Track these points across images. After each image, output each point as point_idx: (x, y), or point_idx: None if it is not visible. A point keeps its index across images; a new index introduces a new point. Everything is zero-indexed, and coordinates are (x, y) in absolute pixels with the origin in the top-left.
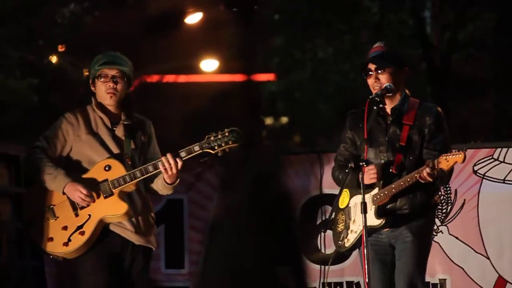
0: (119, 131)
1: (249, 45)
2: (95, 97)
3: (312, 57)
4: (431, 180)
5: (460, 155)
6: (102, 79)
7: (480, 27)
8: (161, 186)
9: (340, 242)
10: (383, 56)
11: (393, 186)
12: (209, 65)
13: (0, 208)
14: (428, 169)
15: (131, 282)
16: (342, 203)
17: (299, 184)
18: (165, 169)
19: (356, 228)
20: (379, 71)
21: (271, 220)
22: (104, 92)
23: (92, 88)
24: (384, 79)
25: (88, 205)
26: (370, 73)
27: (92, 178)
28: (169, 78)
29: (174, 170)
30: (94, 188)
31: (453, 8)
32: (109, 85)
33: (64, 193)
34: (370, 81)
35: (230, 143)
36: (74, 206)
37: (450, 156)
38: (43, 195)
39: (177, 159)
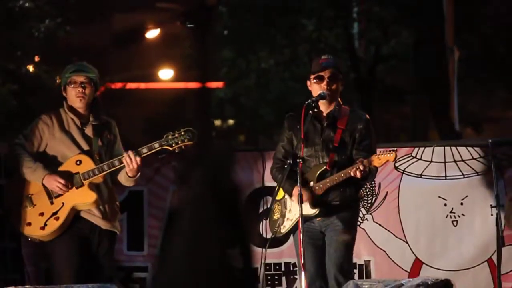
0: (88, 130)
1: (202, 57)
2: (67, 101)
3: (256, 67)
4: (362, 175)
5: (391, 155)
6: (72, 85)
7: (401, 43)
8: (124, 179)
9: (276, 229)
10: (335, 67)
11: (327, 180)
12: (166, 74)
13: None
14: (361, 166)
15: (97, 261)
16: (278, 195)
17: (244, 178)
18: (127, 163)
19: (291, 217)
20: (333, 80)
21: (221, 209)
22: (74, 96)
23: (64, 94)
24: (334, 86)
25: (63, 194)
26: (322, 79)
27: (65, 171)
28: (131, 85)
29: (135, 165)
30: (67, 179)
31: (378, 26)
32: (78, 90)
33: (43, 184)
34: (320, 86)
35: (185, 141)
36: (50, 195)
37: (383, 155)
38: (21, 185)
39: (136, 156)
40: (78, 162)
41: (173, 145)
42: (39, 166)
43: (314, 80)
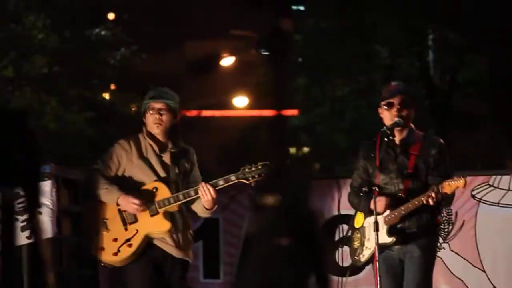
0: (166, 158)
1: (277, 84)
2: (146, 127)
3: (331, 95)
4: (435, 203)
5: (461, 181)
6: (150, 111)
7: (477, 70)
8: (200, 210)
9: (356, 257)
10: (405, 93)
11: (402, 208)
12: (240, 101)
13: (62, 225)
14: (433, 193)
15: None
16: (357, 223)
17: (320, 206)
18: (202, 194)
19: (370, 245)
20: (403, 106)
21: (298, 237)
22: (152, 122)
23: (143, 119)
24: (405, 113)
25: (137, 218)
26: (392, 106)
27: (142, 197)
28: (206, 113)
29: (209, 197)
30: (143, 201)
31: (453, 53)
32: (156, 117)
33: (118, 204)
34: (391, 113)
35: (262, 175)
36: (124, 221)
37: (453, 182)
38: (98, 210)
39: (211, 187)
40: (154, 189)
41: (250, 178)
42: (114, 187)
43: (385, 107)
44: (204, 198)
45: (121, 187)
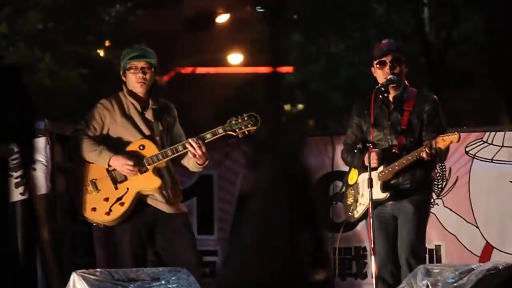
0: (149, 114)
1: (272, 41)
2: (126, 86)
3: (326, 52)
4: (429, 157)
5: (455, 136)
6: (132, 71)
7: (472, 27)
8: (192, 165)
9: (350, 213)
10: (397, 50)
11: (396, 164)
12: (235, 58)
13: (56, 181)
14: (427, 148)
15: (174, 242)
16: (351, 180)
17: (314, 163)
18: (191, 150)
19: (364, 201)
20: (395, 63)
21: (292, 193)
22: (135, 82)
23: (123, 78)
24: (398, 70)
25: (129, 178)
26: (384, 64)
27: (129, 155)
28: (201, 70)
29: (199, 151)
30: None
31: (448, 10)
32: (139, 76)
33: (109, 165)
34: (383, 71)
35: (249, 126)
36: (114, 180)
37: (447, 136)
38: (85, 171)
39: (200, 142)
40: (141, 147)
41: (237, 130)
42: (104, 148)
43: (377, 66)
44: (193, 152)
45: (107, 146)
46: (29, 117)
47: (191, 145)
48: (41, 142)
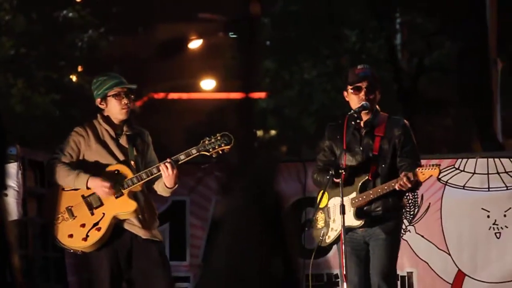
0: (123, 140)
1: (245, 67)
2: (101, 113)
3: (299, 78)
4: (407, 189)
5: (435, 170)
6: (116, 98)
7: (444, 54)
8: (161, 188)
9: (321, 238)
10: (372, 77)
11: (371, 192)
12: (208, 84)
13: (28, 207)
14: (405, 181)
15: (147, 271)
16: (322, 203)
17: (286, 189)
18: (164, 171)
19: (336, 227)
20: (370, 89)
21: (263, 219)
22: (120, 108)
23: (101, 105)
24: (372, 96)
25: (103, 203)
26: (360, 89)
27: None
28: (173, 95)
29: (170, 171)
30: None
31: (420, 37)
32: (124, 102)
33: (87, 187)
34: (358, 96)
35: (222, 145)
36: (90, 206)
37: (427, 170)
38: (60, 198)
39: (171, 163)
40: (116, 172)
41: (210, 150)
42: (81, 172)
43: (352, 91)
44: (165, 173)
45: (84, 171)
46: (0, 142)
47: (164, 165)
48: (12, 168)
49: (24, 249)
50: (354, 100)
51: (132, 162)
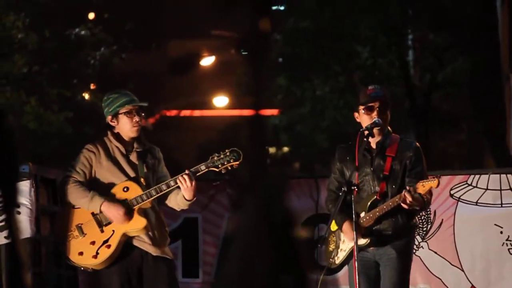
0: (133, 157)
1: (256, 84)
2: (112, 130)
3: (311, 95)
4: (409, 204)
5: (434, 181)
6: (127, 115)
7: (456, 70)
8: (180, 202)
9: (331, 260)
10: (384, 97)
11: (377, 210)
12: (220, 101)
13: (41, 225)
14: (407, 194)
15: None
16: (333, 227)
17: (298, 205)
18: (181, 182)
19: (345, 247)
20: (383, 109)
21: (276, 236)
22: (131, 126)
23: (112, 123)
24: (385, 116)
25: (112, 221)
26: (372, 109)
27: (113, 198)
28: (186, 112)
29: (189, 183)
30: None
31: (432, 53)
32: (135, 120)
33: (101, 211)
34: (370, 116)
35: (231, 161)
36: (100, 224)
37: (426, 182)
38: (70, 216)
39: (190, 174)
40: (125, 189)
41: (219, 166)
42: (96, 195)
43: (363, 111)
44: (183, 186)
45: (96, 191)
46: (13, 160)
47: (183, 178)
48: (25, 185)
49: (37, 266)
50: (366, 120)
51: (142, 179)
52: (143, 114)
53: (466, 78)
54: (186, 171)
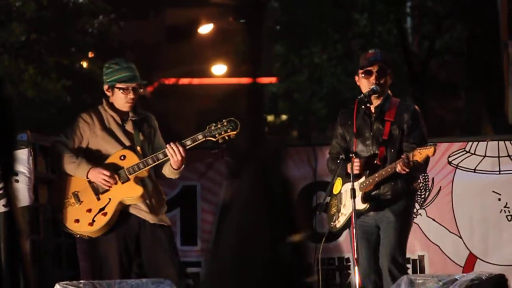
0: (129, 126)
1: (254, 52)
2: (107, 99)
3: (309, 62)
4: (407, 170)
5: (431, 149)
6: (122, 91)
7: (454, 37)
8: (168, 171)
9: (332, 223)
10: (383, 61)
11: (376, 175)
12: (219, 69)
13: (38, 193)
14: (403, 161)
15: (155, 256)
16: (335, 190)
17: (296, 173)
18: (171, 155)
19: (346, 211)
20: (381, 74)
21: (273, 203)
22: (124, 102)
23: (108, 93)
24: (383, 81)
25: (109, 188)
26: (370, 74)
27: (110, 166)
28: (184, 80)
29: (179, 157)
30: (113, 172)
31: (431, 20)
32: (130, 97)
33: (87, 178)
34: (369, 81)
35: (228, 131)
36: (96, 191)
37: (423, 150)
38: (67, 183)
39: (180, 146)
40: (122, 157)
41: (217, 135)
42: (83, 161)
43: (363, 75)
44: (174, 158)
45: (88, 159)
46: (10, 128)
47: (172, 148)
48: (23, 154)
49: (35, 234)
50: (365, 84)
51: (138, 148)
52: (140, 91)
53: (464, 46)
54: (172, 143)
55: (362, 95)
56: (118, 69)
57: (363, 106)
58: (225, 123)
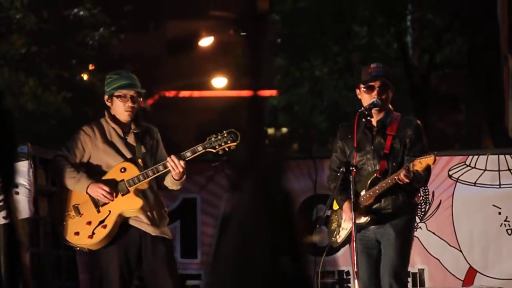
0: (131, 139)
1: (254, 65)
2: (109, 111)
3: (310, 75)
4: (407, 181)
5: (431, 158)
6: (121, 99)
7: (455, 50)
8: (170, 182)
9: (333, 239)
10: (386, 76)
11: (376, 187)
12: (219, 82)
13: (39, 205)
14: (404, 171)
15: (154, 269)
16: (335, 205)
17: (297, 186)
18: (172, 167)
19: (346, 226)
20: (383, 89)
21: (272, 216)
22: (123, 110)
23: (108, 103)
24: (385, 96)
25: (108, 202)
26: (373, 89)
27: (110, 179)
28: (185, 93)
29: (180, 169)
30: (113, 187)
31: (431, 34)
32: (128, 105)
33: (87, 193)
34: (370, 95)
35: (228, 142)
36: (96, 204)
37: (423, 159)
38: (67, 196)
39: (180, 160)
40: (122, 170)
41: (217, 147)
42: (83, 176)
43: (364, 89)
44: (175, 170)
45: (89, 173)
46: (11, 140)
47: (172, 160)
48: (23, 166)
49: (35, 247)
50: (366, 99)
51: (140, 160)
52: (140, 99)
53: (464, 59)
54: (172, 155)
55: (362, 108)
56: (116, 78)
57: (363, 120)
58: (225, 135)
